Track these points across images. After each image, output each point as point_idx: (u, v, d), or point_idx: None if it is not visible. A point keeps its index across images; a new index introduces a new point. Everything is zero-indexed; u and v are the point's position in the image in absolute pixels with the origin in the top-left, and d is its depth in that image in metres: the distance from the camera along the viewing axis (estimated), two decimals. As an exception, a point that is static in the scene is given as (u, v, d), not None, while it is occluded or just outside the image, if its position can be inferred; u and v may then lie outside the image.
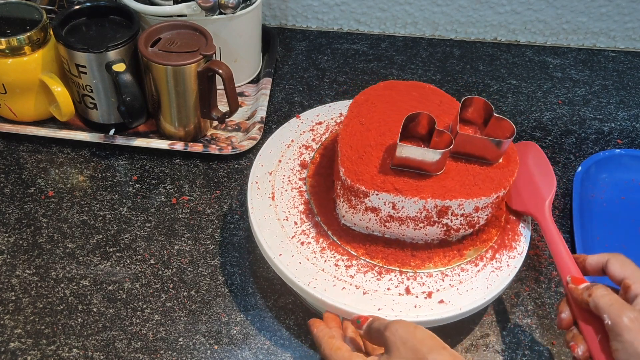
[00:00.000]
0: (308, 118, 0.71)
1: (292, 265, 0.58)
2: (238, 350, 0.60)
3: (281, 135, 0.69)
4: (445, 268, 0.58)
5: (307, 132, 0.69)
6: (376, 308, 0.55)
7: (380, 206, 0.56)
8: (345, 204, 0.58)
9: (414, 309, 0.55)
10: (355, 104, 0.62)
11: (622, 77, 0.96)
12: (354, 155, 0.57)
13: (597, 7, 0.96)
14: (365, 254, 0.59)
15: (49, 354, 0.59)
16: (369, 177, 0.55)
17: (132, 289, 0.64)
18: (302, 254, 0.59)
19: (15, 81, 0.74)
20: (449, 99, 0.64)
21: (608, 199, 0.76)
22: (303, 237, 0.60)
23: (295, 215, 0.62)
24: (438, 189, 0.56)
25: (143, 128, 0.81)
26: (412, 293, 0.56)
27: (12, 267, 0.65)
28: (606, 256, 0.53)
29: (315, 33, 1.01)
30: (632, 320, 0.46)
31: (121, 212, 0.71)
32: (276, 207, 0.62)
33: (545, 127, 0.87)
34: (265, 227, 0.61)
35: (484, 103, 0.59)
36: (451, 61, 0.97)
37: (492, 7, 0.97)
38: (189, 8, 0.77)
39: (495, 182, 0.57)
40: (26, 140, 0.78)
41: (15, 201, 0.72)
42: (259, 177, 0.65)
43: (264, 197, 0.63)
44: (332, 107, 0.73)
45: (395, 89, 0.65)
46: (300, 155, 0.67)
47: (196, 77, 0.72)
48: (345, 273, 0.57)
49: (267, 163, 0.66)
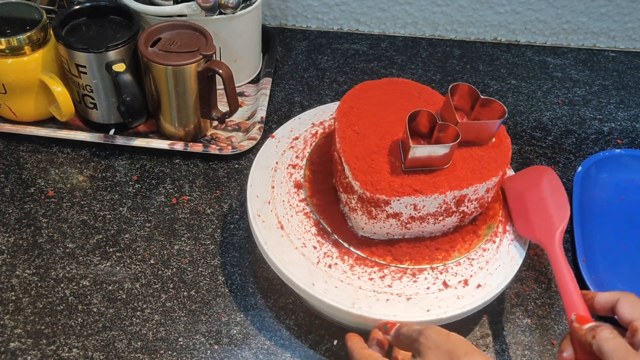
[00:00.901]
0: (283, 136, 0.69)
1: (329, 292, 0.56)
2: (238, 350, 0.60)
3: (263, 159, 0.66)
4: (469, 253, 0.60)
5: (287, 151, 0.67)
6: (424, 310, 0.55)
7: (401, 210, 0.56)
8: (364, 217, 0.56)
9: (457, 301, 0.56)
10: (341, 114, 0.61)
11: (622, 77, 0.96)
12: (363, 166, 0.56)
13: (597, 7, 0.96)
14: (394, 260, 0.58)
15: (49, 354, 0.59)
16: (386, 185, 0.55)
17: (132, 289, 0.64)
18: (334, 277, 0.57)
19: (15, 81, 0.74)
20: (427, 90, 0.65)
21: (608, 199, 0.76)
22: (328, 260, 0.58)
23: (311, 239, 0.60)
24: (453, 180, 0.56)
25: (143, 128, 0.81)
26: (450, 285, 0.57)
27: (12, 267, 0.65)
28: (617, 295, 0.50)
29: (315, 33, 1.01)
30: None
31: (121, 212, 0.71)
32: (289, 237, 0.60)
33: (545, 127, 0.87)
34: (286, 261, 0.58)
35: (469, 88, 0.60)
36: (451, 61, 0.97)
37: (492, 7, 0.97)
38: (189, 8, 0.77)
39: (499, 161, 0.59)
40: (26, 140, 0.78)
41: (15, 201, 0.72)
42: (260, 209, 0.62)
43: (272, 229, 0.60)
44: (301, 119, 0.71)
45: (373, 89, 0.64)
46: (290, 177, 0.65)
47: (196, 77, 0.72)
48: (382, 284, 0.57)
49: (261, 192, 0.63)
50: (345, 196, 0.58)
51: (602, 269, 0.68)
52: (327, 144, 0.67)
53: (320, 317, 0.63)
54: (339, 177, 0.59)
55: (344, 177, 0.57)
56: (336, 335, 0.62)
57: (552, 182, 0.62)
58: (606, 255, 0.70)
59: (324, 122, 0.70)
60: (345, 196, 0.58)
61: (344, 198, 0.59)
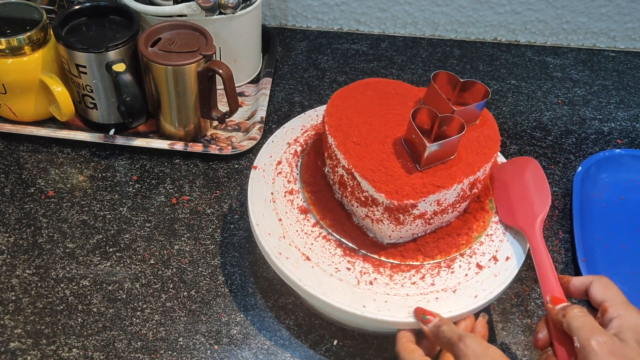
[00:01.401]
0: (265, 164, 0.66)
1: (381, 308, 0.55)
2: (238, 350, 0.60)
3: (257, 194, 0.63)
4: (486, 231, 0.61)
5: (276, 178, 0.64)
6: (472, 297, 0.56)
7: (426, 209, 0.56)
8: (391, 225, 0.56)
9: (496, 279, 0.58)
10: (333, 129, 0.59)
11: (622, 77, 0.96)
12: (381, 177, 0.55)
13: (597, 7, 0.96)
14: (426, 258, 0.58)
15: (49, 354, 0.59)
16: (410, 189, 0.55)
17: (132, 289, 0.64)
18: (379, 292, 0.56)
19: (15, 81, 0.74)
20: (400, 85, 0.66)
21: (608, 199, 0.76)
22: (366, 277, 0.57)
23: (341, 261, 0.58)
24: (465, 167, 0.57)
25: (143, 128, 0.81)
26: (484, 266, 0.58)
27: (12, 267, 0.65)
28: (590, 278, 0.52)
29: (315, 33, 1.01)
30: (601, 344, 0.45)
31: (121, 212, 0.71)
32: (319, 266, 0.57)
33: (545, 127, 0.87)
34: (328, 291, 0.56)
35: (448, 75, 0.61)
36: (451, 61, 0.97)
37: (492, 7, 0.97)
38: (189, 8, 0.77)
39: (493, 138, 0.61)
40: (26, 140, 0.78)
41: (15, 201, 0.72)
42: (277, 246, 0.59)
43: (299, 264, 0.57)
44: (275, 141, 0.68)
45: (351, 96, 0.63)
46: (292, 204, 0.62)
47: (196, 77, 0.72)
48: (425, 285, 0.57)
49: (271, 229, 0.60)
50: (364, 210, 0.57)
51: (602, 269, 0.68)
52: (312, 161, 0.65)
53: (321, 317, 0.63)
54: (352, 193, 0.58)
55: (360, 191, 0.56)
56: (336, 335, 0.62)
57: (535, 172, 0.64)
58: (606, 255, 0.70)
59: (298, 139, 0.68)
60: (364, 210, 0.57)
61: (361, 212, 0.58)
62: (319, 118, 0.71)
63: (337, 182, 0.60)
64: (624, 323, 0.47)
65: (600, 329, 0.47)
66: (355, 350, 0.61)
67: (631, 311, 0.48)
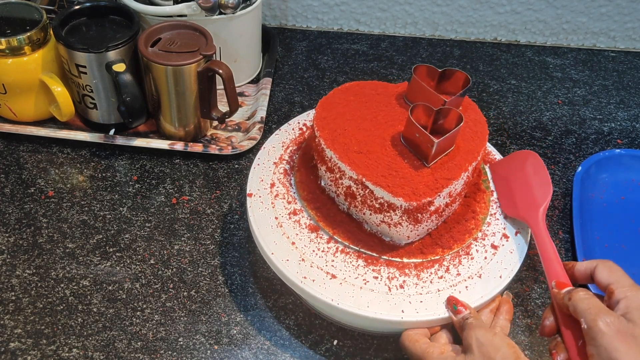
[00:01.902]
0: (259, 189, 0.64)
1: (420, 310, 0.55)
2: (238, 350, 0.60)
3: (261, 221, 0.61)
4: (488, 211, 0.63)
5: (275, 202, 0.62)
6: (498, 278, 0.58)
7: (440, 203, 0.57)
8: (410, 226, 0.56)
9: (512, 255, 0.60)
10: (329, 142, 0.59)
11: (622, 77, 0.96)
12: (395, 182, 0.55)
13: (597, 7, 0.96)
14: (444, 250, 0.59)
15: (49, 354, 0.59)
16: (425, 188, 0.55)
17: (132, 289, 0.64)
18: (413, 294, 0.56)
19: (15, 81, 0.74)
20: (378, 84, 0.66)
21: (608, 199, 0.76)
22: (395, 282, 0.57)
23: (367, 272, 0.57)
24: (467, 155, 0.58)
25: (143, 128, 0.81)
26: (498, 245, 0.60)
27: (12, 267, 0.65)
28: (594, 262, 0.53)
29: (315, 33, 1.01)
30: (608, 324, 0.45)
31: (121, 212, 0.71)
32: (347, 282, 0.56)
33: (545, 127, 0.87)
34: (363, 304, 0.55)
35: (427, 67, 0.62)
36: (451, 61, 0.97)
37: (492, 7, 0.97)
38: (189, 8, 0.77)
39: (481, 120, 0.63)
40: (26, 140, 0.78)
41: (15, 201, 0.72)
42: (299, 271, 0.57)
43: (327, 284, 0.56)
44: (261, 164, 0.66)
45: (336, 105, 0.63)
46: (299, 225, 0.61)
47: (196, 77, 0.72)
48: (452, 277, 0.58)
49: (288, 255, 0.58)
50: (379, 216, 0.57)
51: (602, 269, 0.68)
52: (305, 177, 0.64)
53: (321, 317, 0.63)
54: (364, 202, 0.57)
55: (374, 198, 0.56)
56: (336, 335, 0.62)
57: (536, 164, 0.65)
58: (606, 255, 0.70)
59: (282, 157, 0.67)
60: (379, 216, 0.57)
61: (376, 219, 0.58)
62: (295, 132, 0.70)
63: (343, 193, 0.59)
64: (631, 304, 0.47)
65: (606, 309, 0.47)
66: (355, 350, 0.61)
67: (638, 292, 0.48)
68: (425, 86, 0.61)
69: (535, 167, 0.64)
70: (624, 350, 0.44)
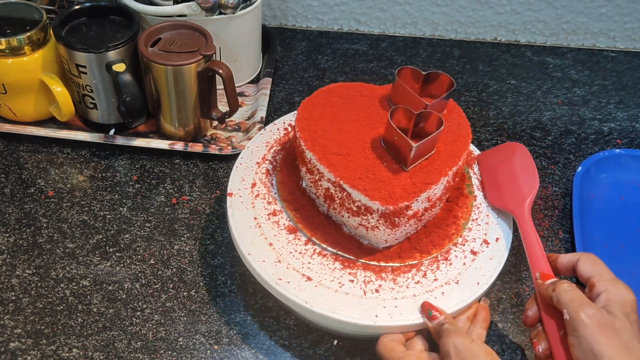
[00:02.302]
0: (239, 189, 0.64)
1: (394, 314, 0.55)
2: (238, 350, 0.60)
3: (240, 220, 0.61)
4: (470, 217, 0.62)
5: (255, 202, 0.62)
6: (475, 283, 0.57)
7: (419, 207, 0.56)
8: (387, 230, 0.56)
9: (491, 261, 0.59)
10: (309, 143, 0.58)
11: (622, 77, 0.96)
12: (372, 185, 0.55)
13: (597, 7, 0.96)
14: (422, 255, 0.59)
15: (49, 354, 0.59)
16: (402, 192, 0.55)
17: (132, 289, 0.64)
18: (388, 298, 0.56)
19: (15, 81, 0.74)
20: (363, 86, 0.66)
21: (608, 199, 0.76)
22: (371, 286, 0.56)
23: (343, 275, 0.57)
24: (447, 159, 0.58)
25: (143, 128, 0.81)
26: (478, 252, 0.60)
27: (12, 267, 0.65)
28: (577, 255, 0.54)
29: (315, 33, 1.01)
30: (590, 316, 0.46)
31: (121, 212, 0.71)
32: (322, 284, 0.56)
33: (545, 127, 0.87)
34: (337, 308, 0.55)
35: (412, 69, 0.62)
36: (451, 61, 0.97)
37: (492, 7, 0.97)
38: (189, 8, 0.77)
39: (464, 125, 0.62)
40: (26, 140, 0.78)
41: (15, 201, 0.72)
42: (276, 273, 0.57)
43: (302, 286, 0.56)
44: (243, 163, 0.66)
45: (319, 105, 0.62)
46: (278, 226, 0.60)
47: (196, 77, 0.72)
48: (429, 282, 0.57)
49: (264, 256, 0.58)
50: (356, 219, 0.57)
51: (601, 269, 0.68)
52: (287, 178, 0.64)
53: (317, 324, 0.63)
54: (342, 204, 0.57)
55: (351, 201, 0.56)
56: (336, 335, 0.62)
57: (523, 157, 0.65)
58: (606, 255, 0.69)
59: (266, 157, 0.67)
60: (356, 219, 0.57)
61: (354, 222, 0.57)
62: (280, 132, 0.70)
63: (322, 195, 0.59)
64: (611, 297, 0.48)
65: (589, 302, 0.48)
66: (355, 350, 0.61)
67: (618, 285, 0.49)
68: (407, 89, 0.60)
69: (523, 159, 0.65)
70: (604, 342, 0.45)
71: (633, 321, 0.47)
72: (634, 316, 0.47)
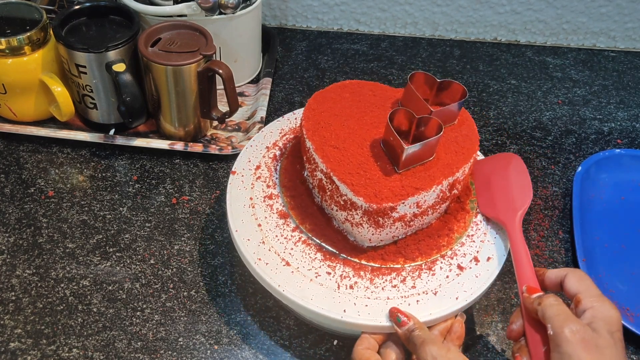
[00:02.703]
0: (244, 168, 0.65)
1: (362, 313, 0.54)
2: (238, 350, 0.60)
3: (235, 199, 0.62)
4: (466, 232, 0.61)
5: (255, 183, 0.64)
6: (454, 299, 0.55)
7: (406, 211, 0.56)
8: (370, 228, 0.56)
9: (477, 279, 0.57)
10: (310, 132, 0.59)
11: (622, 77, 0.96)
12: (360, 180, 0.55)
13: (597, 7, 0.96)
14: (406, 260, 0.58)
15: (49, 354, 0.59)
16: (389, 192, 0.54)
17: (132, 289, 0.64)
18: (360, 296, 0.55)
19: (15, 81, 0.74)
20: (378, 86, 0.66)
21: (608, 199, 0.76)
22: (347, 282, 0.56)
23: (321, 266, 0.57)
24: (443, 168, 0.57)
25: (143, 128, 0.81)
26: (465, 267, 0.58)
27: (12, 267, 0.65)
28: (565, 271, 0.53)
29: (315, 33, 1.01)
30: (574, 332, 0.46)
31: (121, 212, 0.71)
32: (299, 271, 0.57)
33: (545, 127, 0.87)
34: (307, 296, 0.55)
35: (425, 75, 0.61)
36: (451, 61, 0.97)
37: (492, 7, 0.97)
38: (189, 8, 0.77)
39: (472, 138, 0.61)
40: (26, 140, 0.78)
41: (15, 201, 0.72)
42: (257, 252, 0.58)
43: (279, 269, 0.57)
44: (254, 145, 0.67)
45: (328, 99, 0.63)
46: (271, 209, 0.61)
47: (196, 77, 0.72)
48: (406, 288, 0.56)
49: (250, 235, 0.59)
50: (343, 213, 0.57)
51: (602, 269, 0.68)
52: (291, 165, 0.65)
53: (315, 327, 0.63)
54: (331, 197, 0.57)
55: (339, 195, 0.56)
56: (336, 335, 0.62)
57: (518, 168, 0.64)
58: (606, 255, 0.70)
59: (277, 143, 0.68)
60: (343, 213, 0.57)
61: (341, 216, 0.58)
62: (297, 121, 0.70)
63: (317, 186, 0.60)
64: (597, 314, 0.48)
65: (574, 317, 0.48)
66: (355, 350, 0.61)
67: (604, 303, 0.49)
68: (416, 94, 0.60)
69: (518, 171, 0.64)
70: (586, 359, 0.45)
71: (617, 340, 0.47)
72: (618, 335, 0.47)
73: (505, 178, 0.63)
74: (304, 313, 0.57)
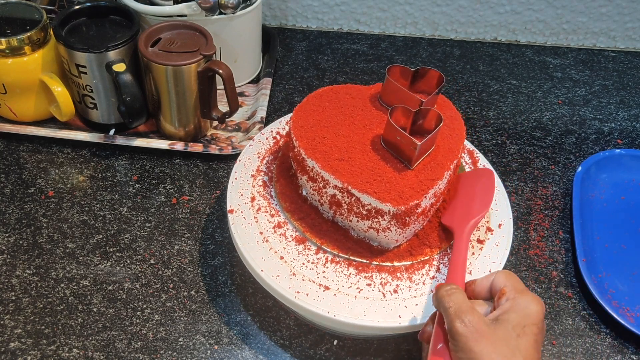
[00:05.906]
0: (239, 204, 0.62)
1: (417, 314, 0.55)
2: (238, 350, 0.60)
3: (245, 237, 0.60)
4: None
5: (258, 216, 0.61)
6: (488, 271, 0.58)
7: (426, 204, 0.56)
8: (398, 230, 0.55)
9: (497, 248, 0.60)
10: (310, 151, 0.58)
11: (622, 77, 0.96)
12: (381, 187, 0.54)
13: (597, 7, 0.96)
14: (432, 250, 0.59)
15: (49, 354, 0.59)
16: (411, 191, 0.54)
17: (132, 289, 0.64)
18: (408, 298, 0.56)
19: (15, 81, 0.74)
20: (351, 87, 0.65)
21: (608, 199, 0.76)
22: (389, 287, 0.56)
23: (360, 280, 0.57)
24: (448, 153, 0.58)
25: (143, 128, 0.81)
26: (484, 239, 0.61)
27: (12, 267, 0.65)
28: (493, 273, 0.51)
29: (315, 33, 1.01)
30: (466, 324, 0.44)
31: (121, 212, 0.71)
32: (340, 292, 0.56)
33: (545, 127, 0.87)
34: (360, 313, 0.54)
35: (400, 67, 0.62)
36: (451, 61, 0.97)
37: (492, 7, 0.97)
38: (189, 8, 0.77)
39: (456, 117, 0.63)
40: (26, 140, 0.78)
41: (15, 201, 0.72)
42: (291, 285, 0.56)
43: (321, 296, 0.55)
44: (238, 177, 0.65)
45: (312, 112, 0.62)
46: (285, 238, 0.59)
47: (196, 77, 0.72)
48: (444, 276, 0.57)
49: (278, 271, 0.57)
50: (366, 222, 0.56)
51: (602, 269, 0.68)
52: (286, 188, 0.63)
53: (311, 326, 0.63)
54: (349, 209, 0.57)
55: (361, 205, 0.55)
56: (336, 335, 0.62)
57: (487, 183, 0.63)
58: (606, 255, 0.70)
59: (259, 169, 0.66)
60: (366, 222, 0.56)
61: (363, 225, 0.57)
62: (269, 141, 0.69)
63: (327, 202, 0.58)
64: (513, 306, 0.46)
65: (469, 308, 0.45)
66: (355, 350, 0.61)
67: (526, 296, 0.47)
68: (400, 87, 0.60)
69: (485, 186, 0.63)
70: (477, 351, 0.43)
71: (528, 333, 0.44)
72: (532, 329, 0.45)
73: (470, 191, 0.63)
74: (361, 331, 0.57)
